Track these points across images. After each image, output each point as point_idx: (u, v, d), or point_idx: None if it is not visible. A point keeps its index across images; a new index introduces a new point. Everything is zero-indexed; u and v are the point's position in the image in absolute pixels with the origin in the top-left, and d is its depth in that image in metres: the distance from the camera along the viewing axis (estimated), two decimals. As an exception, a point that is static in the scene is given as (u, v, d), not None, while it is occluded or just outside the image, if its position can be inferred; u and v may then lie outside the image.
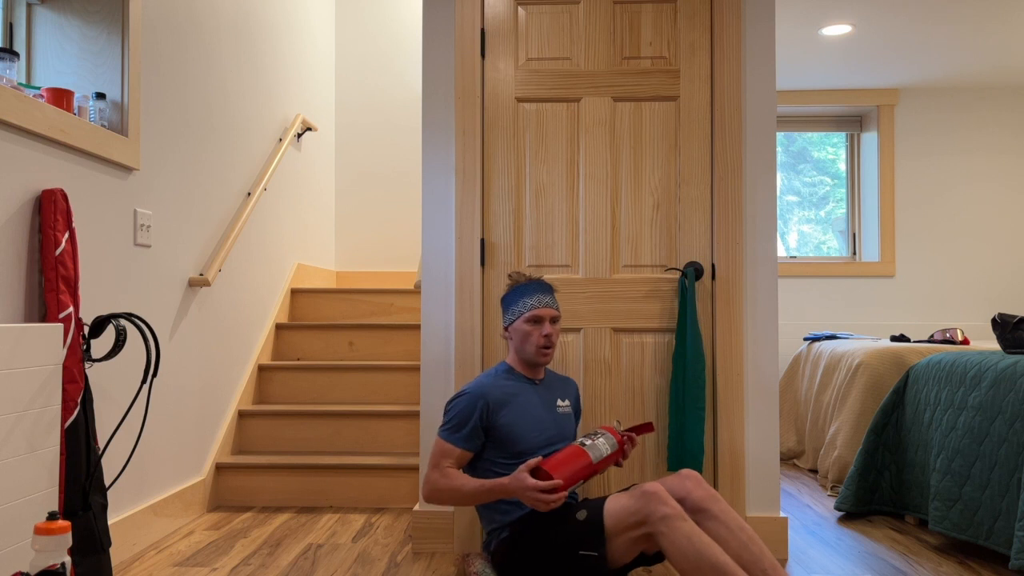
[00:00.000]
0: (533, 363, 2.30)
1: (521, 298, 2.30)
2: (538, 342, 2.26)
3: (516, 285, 2.34)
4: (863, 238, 5.23)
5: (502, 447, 2.22)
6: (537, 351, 2.27)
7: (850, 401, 3.57)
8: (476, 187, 2.69)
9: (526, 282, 2.33)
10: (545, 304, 2.28)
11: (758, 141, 2.69)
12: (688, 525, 1.90)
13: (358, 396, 3.75)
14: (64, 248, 2.11)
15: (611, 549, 1.99)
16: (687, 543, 1.88)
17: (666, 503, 1.93)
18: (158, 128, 2.79)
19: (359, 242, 5.12)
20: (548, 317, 2.28)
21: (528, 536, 2.11)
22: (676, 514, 1.91)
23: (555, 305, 2.30)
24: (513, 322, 2.30)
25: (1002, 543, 2.39)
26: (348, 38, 5.16)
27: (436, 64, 2.72)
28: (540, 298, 2.28)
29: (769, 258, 2.67)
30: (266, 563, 2.50)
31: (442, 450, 2.20)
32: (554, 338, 2.28)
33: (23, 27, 2.50)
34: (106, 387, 2.46)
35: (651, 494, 1.94)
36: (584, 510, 2.05)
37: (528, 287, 2.31)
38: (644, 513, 1.93)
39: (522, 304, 2.29)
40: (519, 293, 2.31)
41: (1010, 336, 2.69)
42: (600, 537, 1.98)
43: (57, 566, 1.67)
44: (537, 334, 2.26)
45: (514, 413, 2.24)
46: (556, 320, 2.30)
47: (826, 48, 4.36)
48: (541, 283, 2.32)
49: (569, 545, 2.02)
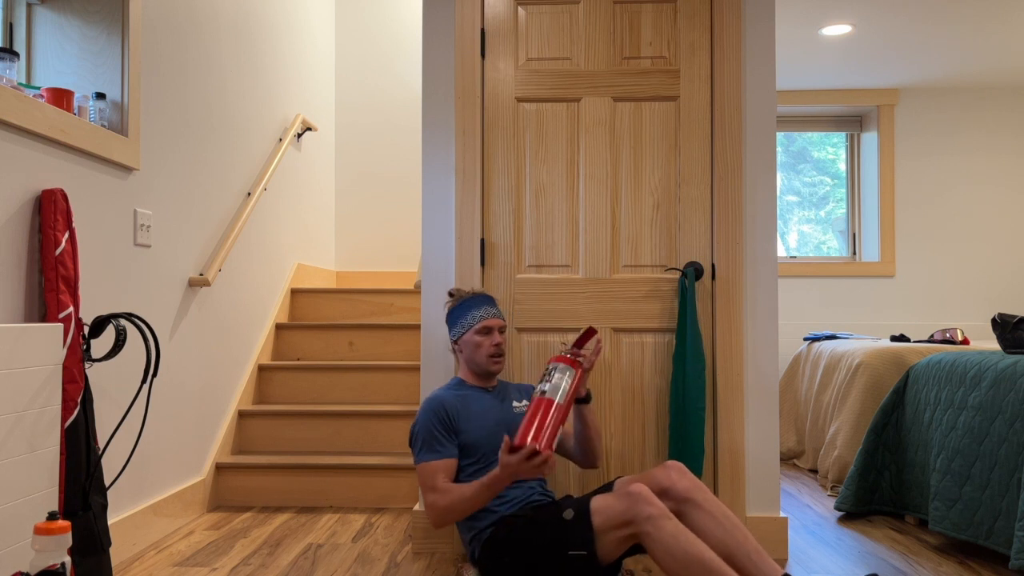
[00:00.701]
0: (485, 372, 2.39)
1: (468, 311, 2.39)
2: (489, 351, 2.36)
3: (461, 300, 2.43)
4: (863, 238, 5.23)
5: (466, 454, 2.28)
6: (488, 360, 2.36)
7: (850, 401, 3.57)
8: (476, 187, 2.69)
9: (470, 296, 2.42)
10: (493, 315, 2.38)
11: (758, 141, 2.69)
12: (673, 524, 1.93)
13: (358, 396, 3.75)
14: (64, 248, 2.11)
15: (600, 547, 2.01)
16: (673, 542, 1.90)
17: (651, 503, 1.95)
18: (158, 128, 2.79)
19: (359, 242, 5.12)
20: (496, 327, 2.38)
21: (515, 538, 2.12)
22: (661, 514, 1.93)
23: (501, 315, 2.41)
24: (462, 335, 2.39)
25: (1002, 543, 2.39)
26: (348, 38, 5.16)
27: (436, 64, 2.72)
28: (488, 309, 2.38)
29: (769, 258, 2.67)
30: (266, 563, 2.50)
31: (429, 471, 2.22)
32: (504, 346, 2.38)
33: (23, 27, 2.50)
34: (106, 387, 2.46)
35: (635, 495, 1.96)
36: (571, 509, 2.06)
37: (474, 300, 2.40)
38: (631, 514, 1.95)
39: (471, 316, 2.38)
40: (465, 307, 2.41)
41: (1010, 336, 2.69)
42: (589, 535, 2.00)
43: (57, 566, 1.67)
44: (488, 343, 2.35)
45: (470, 420, 2.30)
46: (503, 330, 2.40)
47: (826, 48, 4.36)
48: (485, 296, 2.43)
49: (558, 545, 2.03)
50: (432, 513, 2.18)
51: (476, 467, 2.28)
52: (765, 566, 1.98)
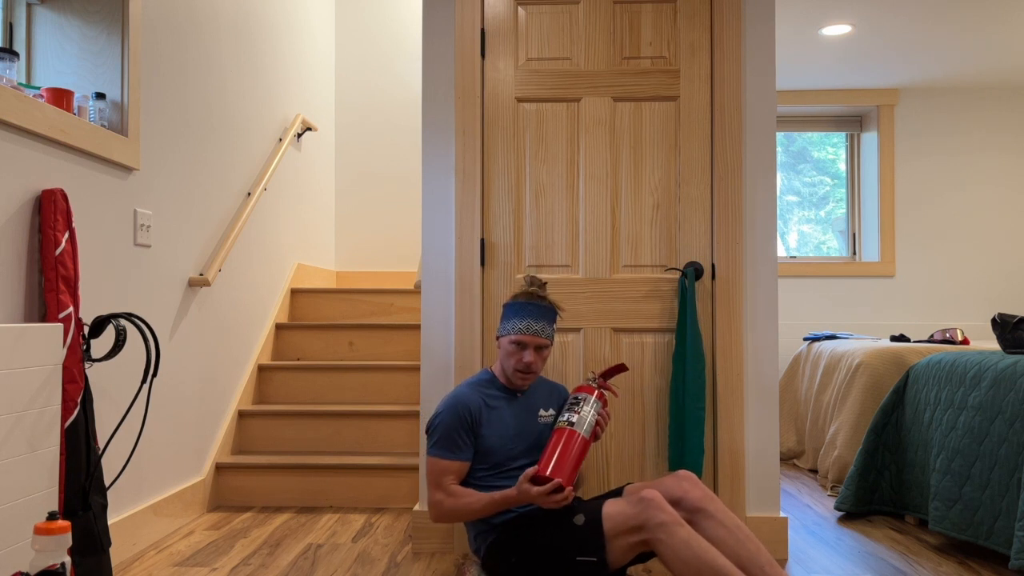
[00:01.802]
0: (511, 381, 2.30)
1: (515, 316, 2.24)
2: (516, 366, 2.23)
3: (518, 300, 2.27)
4: (863, 238, 5.23)
5: (481, 459, 2.24)
6: (514, 374, 2.25)
7: (850, 401, 3.57)
8: (476, 187, 2.69)
9: (526, 300, 2.25)
10: (533, 332, 2.21)
11: (758, 141, 2.69)
12: (685, 531, 1.91)
13: (358, 396, 3.75)
14: (64, 248, 2.11)
15: (609, 553, 2.00)
16: (685, 549, 1.89)
17: (663, 510, 1.93)
18: (158, 128, 2.79)
19: (359, 242, 5.12)
20: (532, 345, 2.22)
21: (523, 540, 2.11)
22: (673, 520, 1.92)
23: (545, 334, 2.22)
24: (502, 336, 2.27)
25: (1002, 543, 2.39)
26: (348, 38, 5.16)
27: (436, 64, 2.72)
28: (531, 324, 2.21)
29: (769, 258, 2.67)
30: (266, 563, 2.50)
31: (440, 468, 2.19)
32: (535, 366, 2.23)
33: (23, 27, 2.50)
34: (106, 387, 2.46)
35: (648, 500, 1.95)
36: (581, 514, 2.05)
37: (527, 308, 2.24)
38: (642, 519, 1.94)
39: (512, 324, 2.24)
40: (516, 310, 2.25)
41: (1010, 336, 2.69)
42: (599, 541, 1.99)
43: (57, 566, 1.67)
44: (517, 358, 2.23)
45: (491, 426, 2.25)
46: (541, 348, 2.24)
47: (826, 48, 4.36)
48: (540, 307, 2.24)
49: (567, 550, 2.02)
50: (435, 511, 2.18)
51: (488, 472, 2.25)
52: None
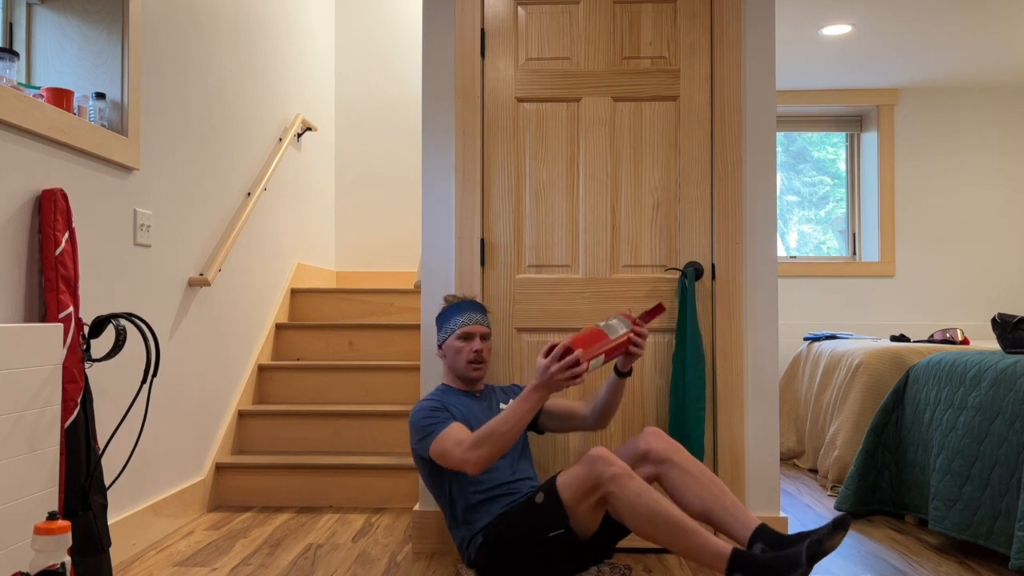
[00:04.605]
0: (466, 378, 2.40)
1: (453, 316, 2.41)
2: (468, 357, 2.37)
3: (448, 305, 2.46)
4: (863, 238, 5.23)
5: None
6: (467, 366, 2.38)
7: (850, 401, 3.57)
8: (476, 187, 2.69)
9: (457, 302, 2.45)
10: (475, 322, 2.39)
11: (758, 141, 2.69)
12: (636, 482, 1.95)
13: (358, 396, 3.75)
14: (64, 248, 2.11)
15: (575, 521, 2.02)
16: (636, 499, 1.92)
17: (612, 463, 1.96)
18: (158, 128, 2.79)
19: (359, 242, 5.12)
20: (478, 334, 2.39)
21: (503, 536, 2.13)
22: (624, 472, 1.95)
23: (486, 323, 2.43)
24: (446, 339, 2.42)
25: (1002, 543, 2.39)
26: (348, 38, 5.16)
27: (436, 64, 2.72)
28: (471, 315, 2.40)
29: (769, 258, 2.67)
30: (266, 563, 2.50)
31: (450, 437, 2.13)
32: (484, 354, 2.38)
33: (23, 27, 2.50)
34: (106, 387, 2.46)
35: (596, 457, 1.99)
36: (540, 492, 2.08)
37: (460, 306, 2.42)
38: (594, 477, 1.97)
39: (453, 322, 2.40)
40: (451, 312, 2.42)
41: (1010, 336, 2.69)
42: (561, 512, 2.02)
43: (57, 566, 1.67)
44: (467, 349, 2.37)
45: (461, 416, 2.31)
46: (486, 337, 2.42)
47: (826, 48, 4.36)
48: (473, 302, 2.45)
49: (538, 531, 2.05)
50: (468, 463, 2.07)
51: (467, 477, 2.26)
52: (743, 517, 2.03)
